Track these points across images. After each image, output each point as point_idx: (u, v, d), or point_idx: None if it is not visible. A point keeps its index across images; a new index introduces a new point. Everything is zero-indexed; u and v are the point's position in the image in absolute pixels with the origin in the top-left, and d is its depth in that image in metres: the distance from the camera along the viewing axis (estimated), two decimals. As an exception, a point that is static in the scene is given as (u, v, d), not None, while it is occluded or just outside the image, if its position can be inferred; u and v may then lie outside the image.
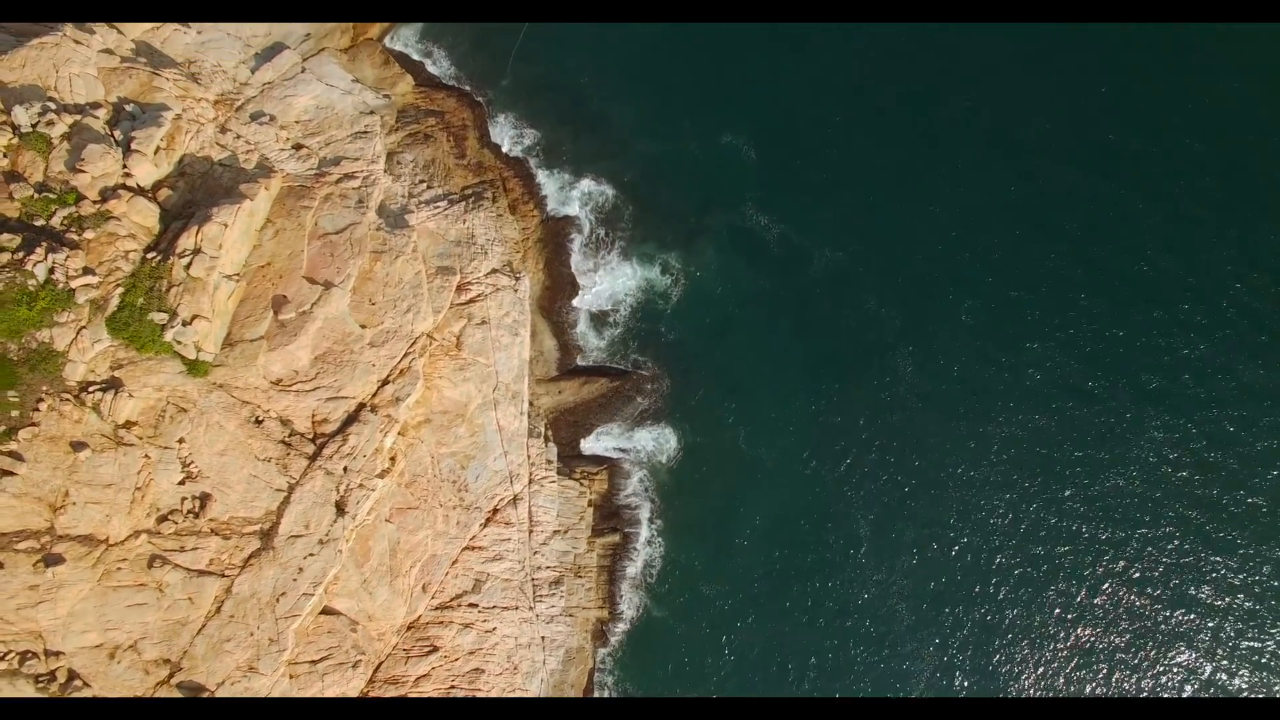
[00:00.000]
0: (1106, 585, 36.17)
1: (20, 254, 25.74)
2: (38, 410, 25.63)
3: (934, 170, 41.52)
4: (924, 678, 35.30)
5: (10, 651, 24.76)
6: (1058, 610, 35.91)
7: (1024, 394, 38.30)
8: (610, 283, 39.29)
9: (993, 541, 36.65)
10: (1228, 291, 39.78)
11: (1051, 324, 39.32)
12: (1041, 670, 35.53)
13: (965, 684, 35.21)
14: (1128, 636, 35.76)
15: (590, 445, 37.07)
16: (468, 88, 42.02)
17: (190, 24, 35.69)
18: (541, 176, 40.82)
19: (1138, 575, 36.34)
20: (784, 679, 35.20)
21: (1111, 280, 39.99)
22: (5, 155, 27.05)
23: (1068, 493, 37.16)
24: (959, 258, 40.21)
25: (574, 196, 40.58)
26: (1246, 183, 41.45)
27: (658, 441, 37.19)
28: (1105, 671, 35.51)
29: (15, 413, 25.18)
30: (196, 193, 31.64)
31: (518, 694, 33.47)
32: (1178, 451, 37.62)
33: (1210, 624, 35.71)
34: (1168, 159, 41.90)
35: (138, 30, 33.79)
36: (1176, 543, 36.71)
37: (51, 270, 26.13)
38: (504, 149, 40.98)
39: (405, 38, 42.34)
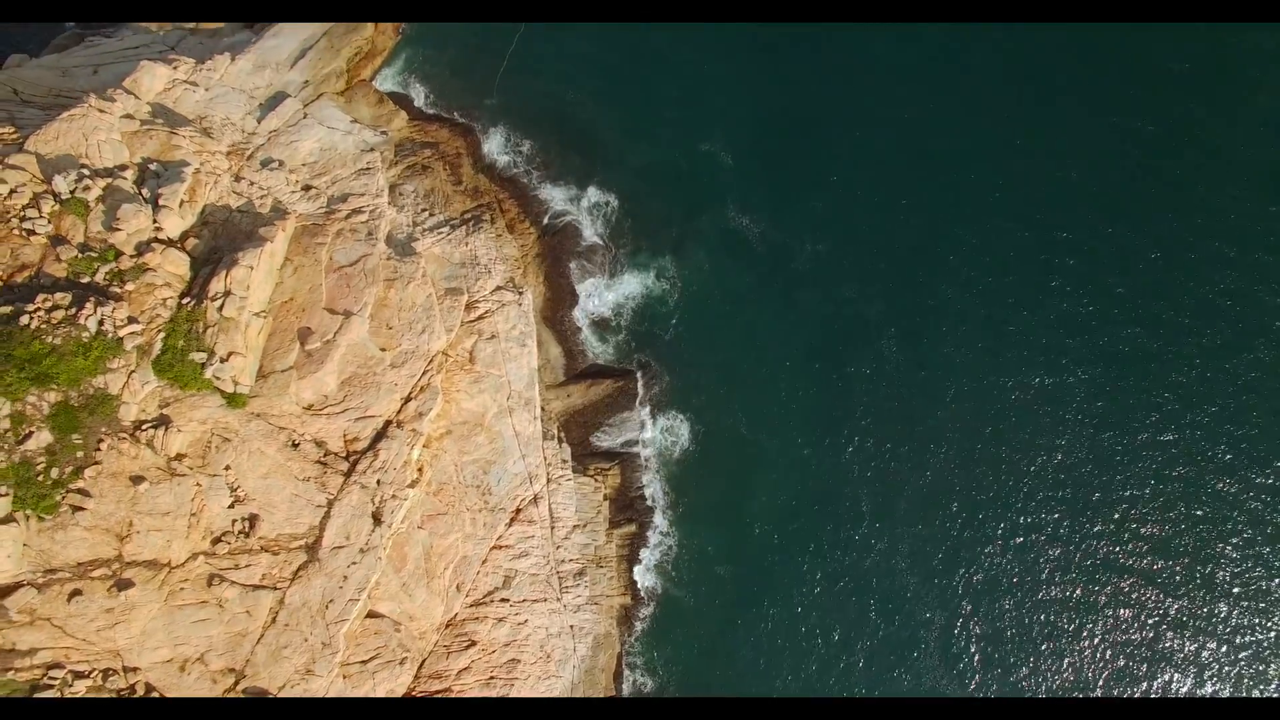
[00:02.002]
0: (1102, 550, 37.79)
1: (73, 310, 28.25)
2: (99, 450, 28.09)
3: (901, 163, 43.80)
4: (930, 641, 37.05)
5: (94, 670, 27.24)
6: (1052, 570, 37.55)
7: (1005, 369, 40.44)
8: (608, 290, 41.69)
9: (985, 507, 38.69)
10: (1205, 270, 41.76)
11: (1025, 301, 41.43)
12: (1041, 631, 37.14)
13: (969, 648, 36.98)
14: (1123, 604, 37.31)
15: (601, 443, 39.46)
16: (457, 115, 44.50)
17: (198, 81, 38.28)
18: (535, 195, 43.17)
19: (1127, 542, 38.01)
20: (799, 650, 37.03)
21: (1080, 260, 42.14)
22: (50, 221, 29.63)
23: (1057, 459, 38.99)
24: (931, 244, 42.51)
25: (566, 211, 42.92)
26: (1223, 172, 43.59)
27: (664, 434, 39.50)
28: (1102, 640, 37.07)
29: (80, 453, 27.68)
30: (220, 239, 34.13)
31: (552, 680, 35.78)
32: (1158, 413, 39.53)
33: (1222, 608, 36.93)
34: (1137, 144, 44.04)
35: (151, 93, 36.36)
36: (1165, 503, 38.37)
37: (101, 322, 28.62)
38: (497, 172, 43.44)
39: (390, 75, 44.87)
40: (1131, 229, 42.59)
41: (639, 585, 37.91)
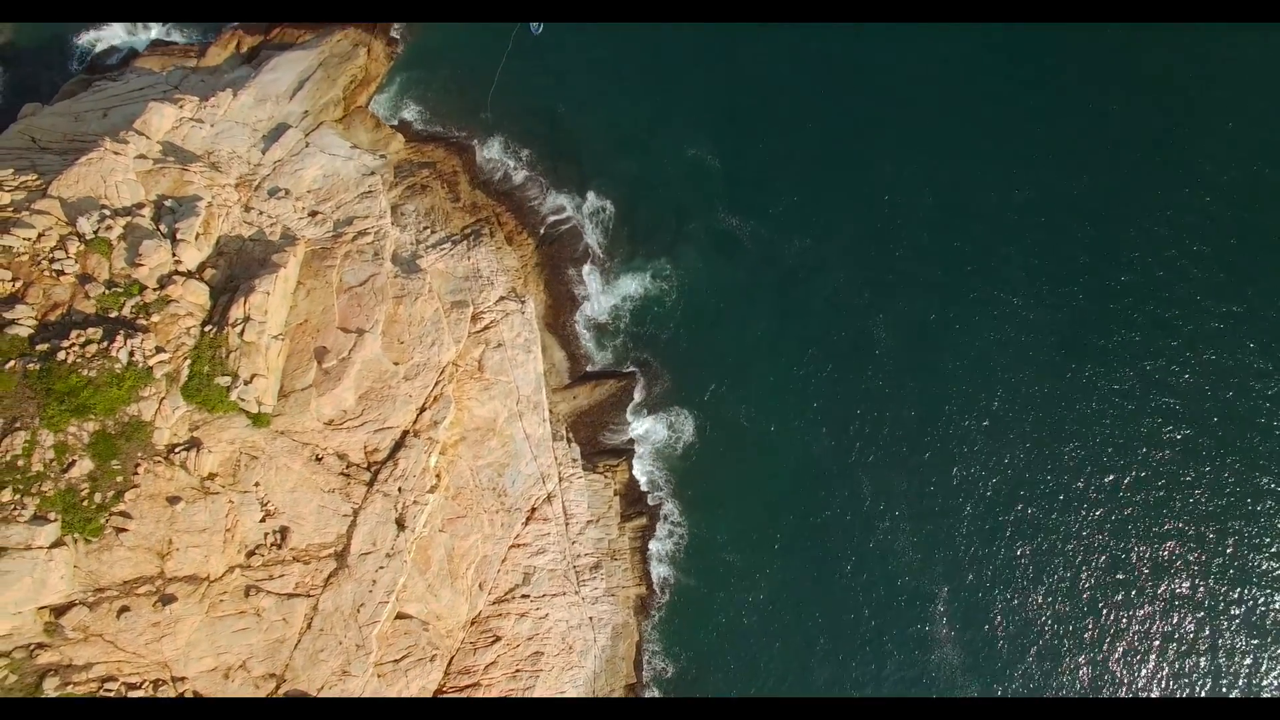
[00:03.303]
0: (1104, 546, 39.11)
1: (104, 343, 29.88)
2: (137, 474, 29.70)
3: (883, 161, 45.26)
4: (932, 617, 38.41)
5: (145, 680, 28.89)
6: (1057, 565, 38.90)
7: (987, 351, 41.94)
8: (606, 294, 43.24)
9: (977, 482, 40.16)
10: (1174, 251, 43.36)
11: (1014, 295, 42.85)
12: (1045, 627, 38.34)
13: (967, 621, 38.42)
14: (1111, 571, 38.72)
15: (608, 440, 41.00)
16: (453, 132, 45.89)
17: (204, 118, 39.93)
18: (530, 206, 44.61)
19: (1114, 514, 39.46)
20: (808, 629, 38.50)
21: (1050, 250, 43.72)
22: (76, 261, 31.31)
23: (1053, 452, 40.33)
24: (911, 234, 43.95)
25: (562, 220, 44.39)
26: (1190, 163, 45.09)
27: (668, 428, 40.99)
28: (1099, 615, 38.42)
29: (120, 478, 29.31)
30: (235, 268, 35.75)
31: (575, 670, 37.33)
32: (1151, 390, 40.94)
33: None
34: (1125, 142, 45.62)
35: (161, 132, 38.01)
36: (1159, 486, 39.80)
37: (131, 354, 30.23)
38: (493, 186, 44.99)
39: (384, 100, 46.37)
40: (1120, 229, 44.14)
41: (653, 575, 39.44)
